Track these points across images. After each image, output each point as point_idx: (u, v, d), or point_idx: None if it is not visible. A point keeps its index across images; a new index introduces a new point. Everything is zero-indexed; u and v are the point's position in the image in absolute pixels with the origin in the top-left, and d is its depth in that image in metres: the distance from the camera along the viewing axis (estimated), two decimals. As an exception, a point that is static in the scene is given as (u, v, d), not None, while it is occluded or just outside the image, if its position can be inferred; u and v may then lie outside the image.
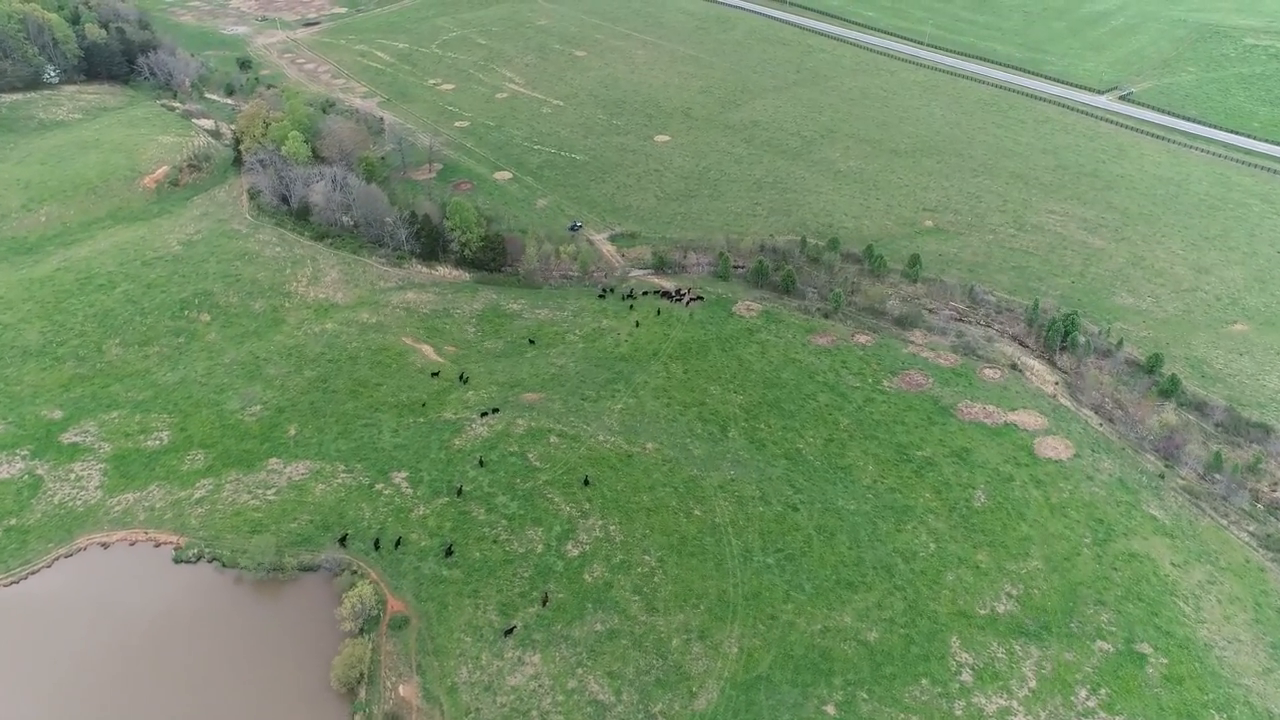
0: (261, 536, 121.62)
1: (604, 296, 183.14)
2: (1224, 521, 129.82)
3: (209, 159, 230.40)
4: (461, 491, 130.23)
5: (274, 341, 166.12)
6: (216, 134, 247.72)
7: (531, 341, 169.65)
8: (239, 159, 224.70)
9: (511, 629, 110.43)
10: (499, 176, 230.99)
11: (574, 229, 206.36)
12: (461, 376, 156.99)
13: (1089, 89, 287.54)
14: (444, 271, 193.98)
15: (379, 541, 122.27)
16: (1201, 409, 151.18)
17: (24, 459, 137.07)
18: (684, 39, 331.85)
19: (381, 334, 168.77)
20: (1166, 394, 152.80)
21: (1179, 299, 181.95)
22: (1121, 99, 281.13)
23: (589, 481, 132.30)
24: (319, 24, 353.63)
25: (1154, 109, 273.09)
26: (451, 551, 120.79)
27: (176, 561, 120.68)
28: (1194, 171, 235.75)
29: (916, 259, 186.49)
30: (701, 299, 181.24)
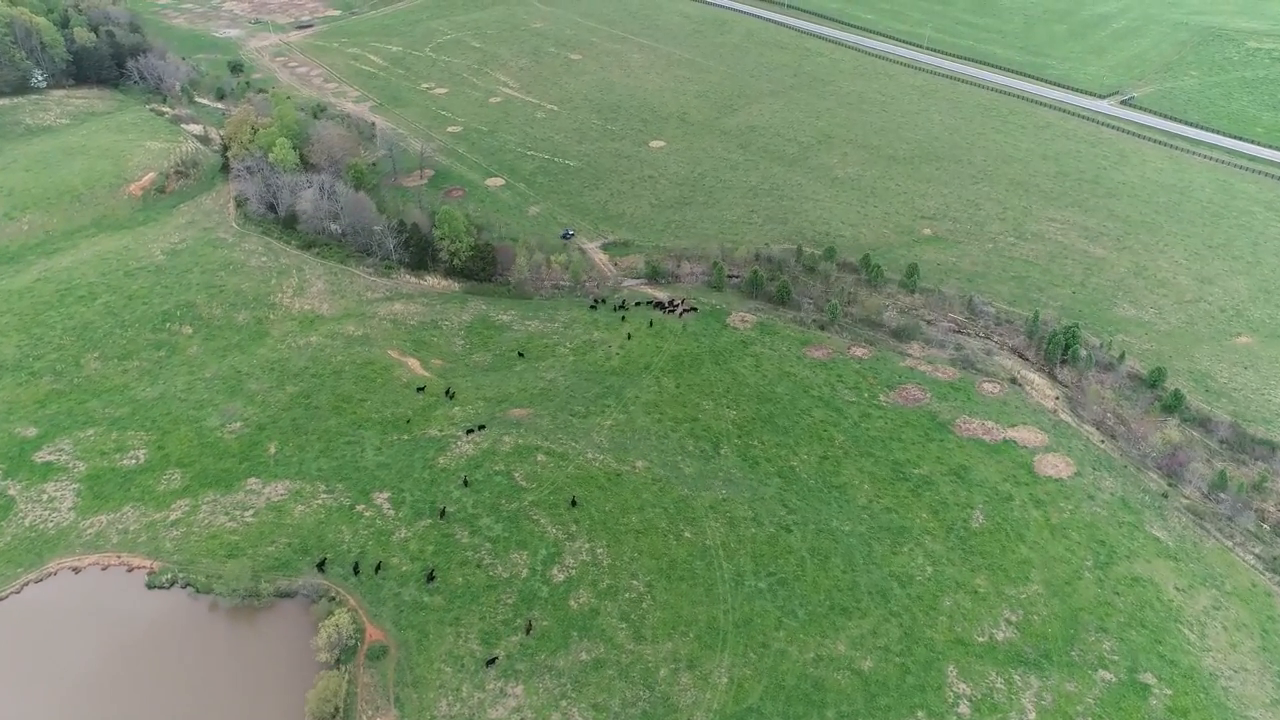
0: (237, 561, 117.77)
1: (595, 307, 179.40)
2: (1229, 543, 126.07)
3: (197, 165, 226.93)
4: (445, 513, 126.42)
5: (257, 355, 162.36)
6: (205, 140, 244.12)
7: (521, 354, 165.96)
8: (227, 165, 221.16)
9: (494, 659, 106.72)
10: (491, 183, 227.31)
11: (566, 237, 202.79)
12: (448, 392, 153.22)
13: (1090, 93, 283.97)
14: (433, 281, 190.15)
15: (358, 566, 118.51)
16: (1205, 425, 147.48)
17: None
18: (680, 42, 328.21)
19: (367, 347, 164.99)
20: (1170, 409, 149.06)
21: (1182, 310, 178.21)
22: (1123, 103, 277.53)
23: (576, 502, 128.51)
24: (312, 26, 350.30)
25: (1156, 114, 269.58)
26: (433, 577, 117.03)
27: (149, 587, 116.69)
28: (1196, 178, 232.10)
29: (914, 269, 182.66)
30: (695, 310, 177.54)
